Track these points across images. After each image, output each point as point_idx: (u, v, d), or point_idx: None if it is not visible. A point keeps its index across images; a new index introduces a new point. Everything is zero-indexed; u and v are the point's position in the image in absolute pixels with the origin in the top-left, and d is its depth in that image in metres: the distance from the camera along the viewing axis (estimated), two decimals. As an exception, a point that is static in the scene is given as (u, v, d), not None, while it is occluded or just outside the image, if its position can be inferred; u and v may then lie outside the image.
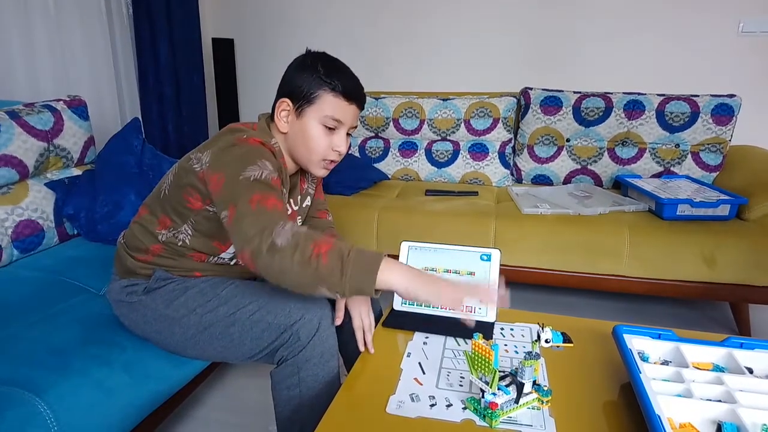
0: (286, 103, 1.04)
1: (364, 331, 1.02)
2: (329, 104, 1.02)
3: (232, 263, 1.14)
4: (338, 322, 1.05)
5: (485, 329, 1.04)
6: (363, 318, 1.04)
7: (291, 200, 1.14)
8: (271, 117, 1.09)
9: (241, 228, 0.85)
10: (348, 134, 1.08)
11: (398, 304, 1.14)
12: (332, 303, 1.07)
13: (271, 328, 1.00)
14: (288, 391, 1.01)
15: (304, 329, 0.99)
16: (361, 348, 1.00)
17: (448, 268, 1.13)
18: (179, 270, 1.10)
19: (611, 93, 2.24)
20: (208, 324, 1.03)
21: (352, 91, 1.04)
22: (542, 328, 1.01)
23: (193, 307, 1.04)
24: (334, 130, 1.05)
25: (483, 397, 0.79)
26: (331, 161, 1.08)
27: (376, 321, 1.10)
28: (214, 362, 1.28)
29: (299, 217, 1.21)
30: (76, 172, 1.73)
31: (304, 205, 1.23)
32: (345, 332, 1.07)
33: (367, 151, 2.54)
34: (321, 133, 1.03)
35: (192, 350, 1.07)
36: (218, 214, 0.93)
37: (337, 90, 1.02)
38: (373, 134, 2.55)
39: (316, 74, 1.01)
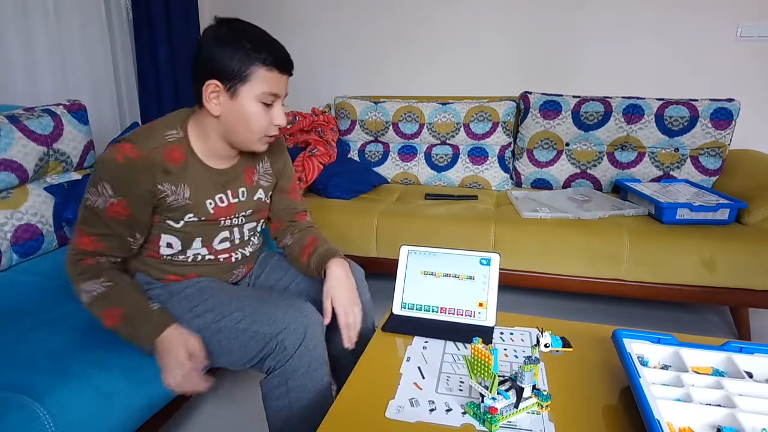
0: (214, 85, 0.97)
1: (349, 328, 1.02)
2: (264, 80, 0.97)
3: (205, 259, 1.13)
4: (326, 321, 1.05)
5: (485, 334, 1.04)
6: (348, 315, 1.04)
7: (229, 192, 1.11)
8: (199, 102, 1.01)
9: (66, 253, 1.02)
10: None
11: (397, 309, 1.14)
12: (319, 308, 1.07)
13: (257, 337, 0.99)
14: (277, 402, 1.00)
15: (290, 338, 0.98)
16: (346, 345, 1.00)
17: (447, 273, 1.13)
18: (162, 272, 1.11)
19: (610, 97, 2.25)
20: (196, 330, 1.02)
21: (284, 61, 1.00)
22: (541, 333, 1.01)
23: (180, 314, 1.04)
24: (272, 105, 1.01)
25: (482, 401, 0.79)
26: (272, 135, 1.05)
27: (371, 331, 1.09)
28: (213, 367, 1.28)
29: (244, 212, 1.16)
30: (76, 176, 1.73)
31: (255, 198, 1.17)
32: (331, 329, 1.07)
33: (366, 155, 2.54)
34: (260, 111, 0.99)
35: None
36: None
37: (270, 63, 0.97)
38: (372, 138, 2.55)
39: (243, 50, 0.95)
